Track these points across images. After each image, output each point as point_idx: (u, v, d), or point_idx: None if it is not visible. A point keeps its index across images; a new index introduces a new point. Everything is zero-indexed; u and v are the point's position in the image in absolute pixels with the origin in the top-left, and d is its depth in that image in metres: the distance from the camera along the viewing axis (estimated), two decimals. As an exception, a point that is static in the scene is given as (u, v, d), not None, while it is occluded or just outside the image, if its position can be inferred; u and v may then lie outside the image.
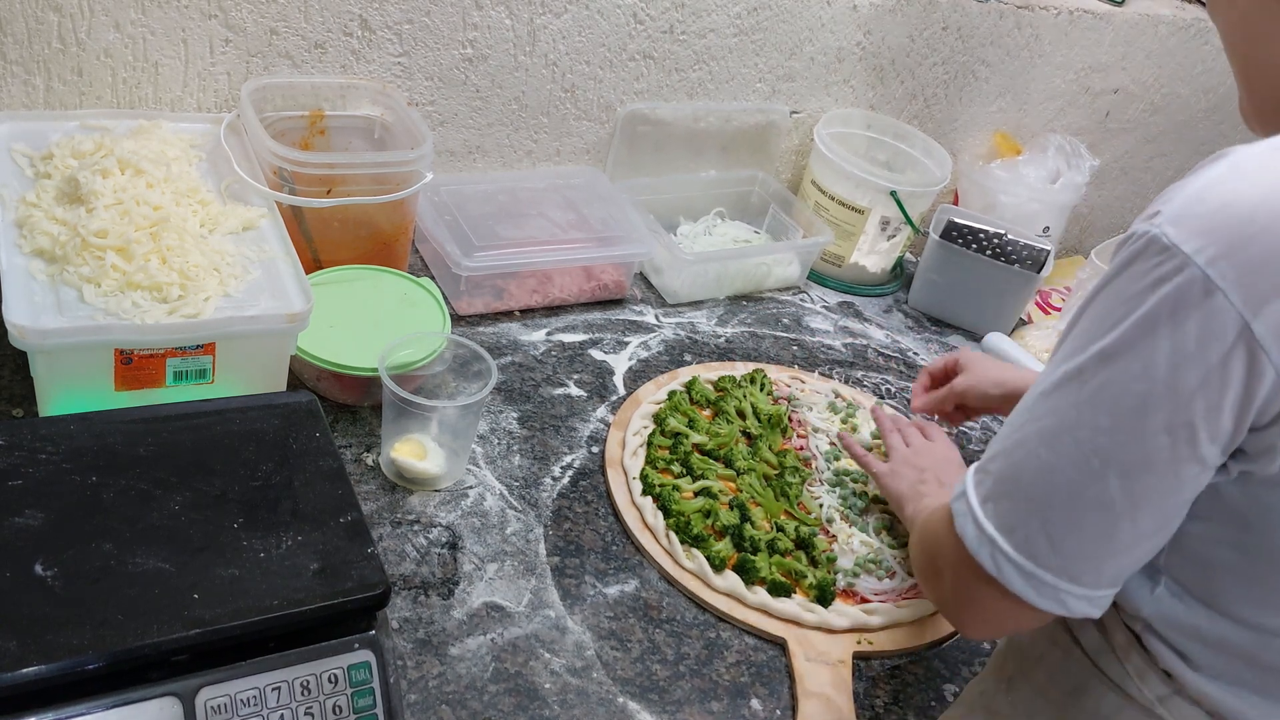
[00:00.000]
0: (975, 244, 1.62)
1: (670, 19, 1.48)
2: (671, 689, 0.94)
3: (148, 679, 0.66)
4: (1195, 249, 0.55)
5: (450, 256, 1.27)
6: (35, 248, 0.96)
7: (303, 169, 1.15)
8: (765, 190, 1.66)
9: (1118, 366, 0.58)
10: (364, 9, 1.27)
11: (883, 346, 1.54)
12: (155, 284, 0.96)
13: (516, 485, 1.10)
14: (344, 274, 1.19)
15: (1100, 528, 0.62)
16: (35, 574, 0.67)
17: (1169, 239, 0.56)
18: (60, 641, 0.64)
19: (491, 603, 0.97)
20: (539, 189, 1.47)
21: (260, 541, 0.74)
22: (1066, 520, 0.62)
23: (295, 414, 0.86)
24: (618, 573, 1.04)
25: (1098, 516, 0.61)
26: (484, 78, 1.40)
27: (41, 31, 1.12)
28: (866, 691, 0.99)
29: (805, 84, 1.67)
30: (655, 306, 1.46)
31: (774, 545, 1.08)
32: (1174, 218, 0.57)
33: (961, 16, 1.72)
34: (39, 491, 0.73)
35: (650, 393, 1.26)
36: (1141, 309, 0.57)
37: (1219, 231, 0.55)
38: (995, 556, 0.65)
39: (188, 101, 1.25)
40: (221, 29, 1.21)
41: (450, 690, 0.88)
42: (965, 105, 1.86)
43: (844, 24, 1.63)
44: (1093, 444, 0.60)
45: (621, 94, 1.52)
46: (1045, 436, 0.62)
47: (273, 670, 0.70)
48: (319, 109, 1.29)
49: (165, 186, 1.05)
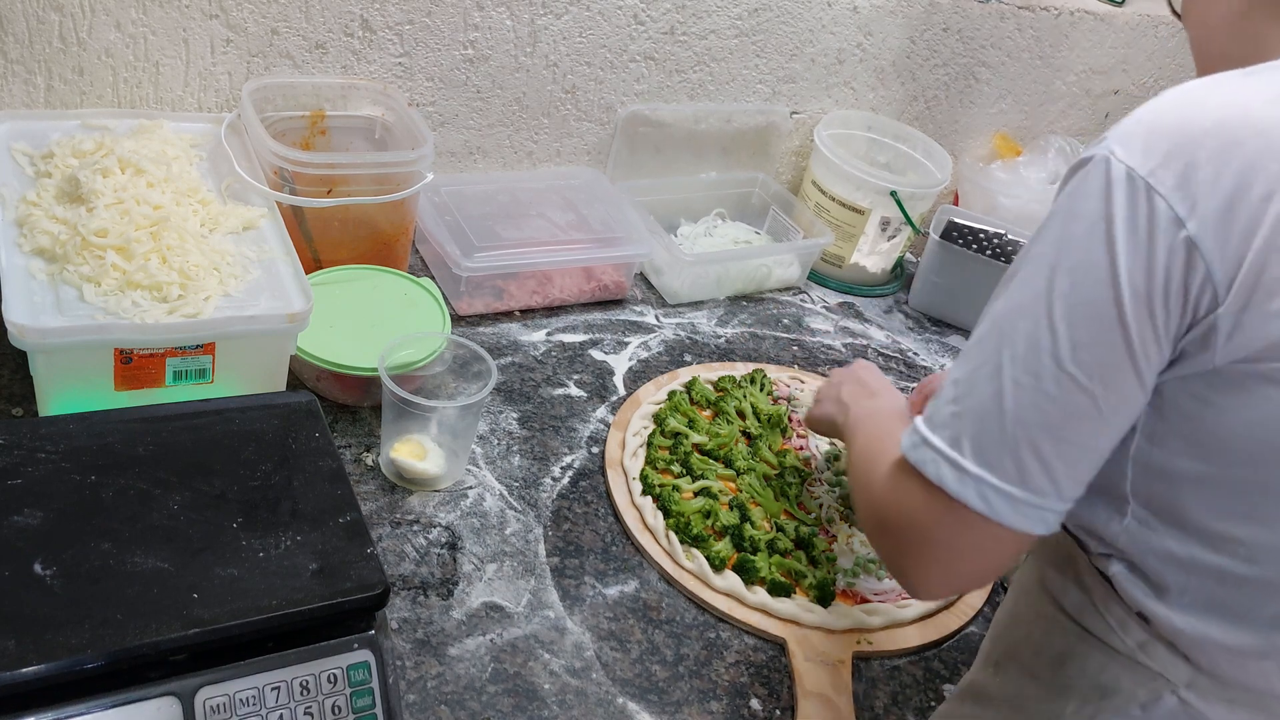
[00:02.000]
0: (975, 245, 1.62)
1: (671, 20, 1.48)
2: (671, 689, 0.94)
3: (147, 679, 0.66)
4: (1138, 162, 0.61)
5: (450, 257, 1.27)
6: (35, 247, 0.96)
7: (303, 169, 1.15)
8: (766, 191, 1.66)
9: (1078, 277, 0.62)
10: (365, 9, 1.27)
11: (883, 347, 1.54)
12: (155, 283, 0.96)
13: (516, 485, 1.10)
14: (344, 274, 1.19)
15: (1085, 438, 0.64)
16: (34, 573, 0.67)
17: (1117, 156, 0.62)
18: (59, 641, 0.64)
19: (491, 603, 0.97)
20: (539, 189, 1.47)
21: (260, 541, 0.74)
22: (1054, 439, 0.64)
23: (295, 414, 0.86)
24: (617, 573, 1.04)
25: (1081, 427, 0.64)
26: (485, 78, 1.40)
27: (42, 31, 1.12)
28: (866, 691, 0.99)
29: (806, 85, 1.67)
30: (655, 307, 1.46)
31: (774, 545, 1.08)
32: (1120, 138, 0.63)
33: (962, 18, 1.72)
34: (38, 491, 0.73)
35: (650, 393, 1.26)
36: (1095, 220, 0.62)
37: (1155, 144, 0.61)
38: (984, 492, 0.65)
39: (188, 101, 1.25)
40: (222, 29, 1.21)
41: (449, 690, 0.88)
42: (966, 107, 1.86)
43: (845, 26, 1.63)
44: (1070, 357, 0.63)
45: (622, 95, 1.52)
46: (1017, 361, 0.64)
47: (272, 670, 0.70)
48: (320, 109, 1.29)
49: (165, 186, 1.05)
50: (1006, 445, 0.64)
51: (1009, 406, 0.64)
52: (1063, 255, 0.63)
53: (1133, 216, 0.61)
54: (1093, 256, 0.62)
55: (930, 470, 0.67)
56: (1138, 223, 0.60)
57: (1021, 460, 0.64)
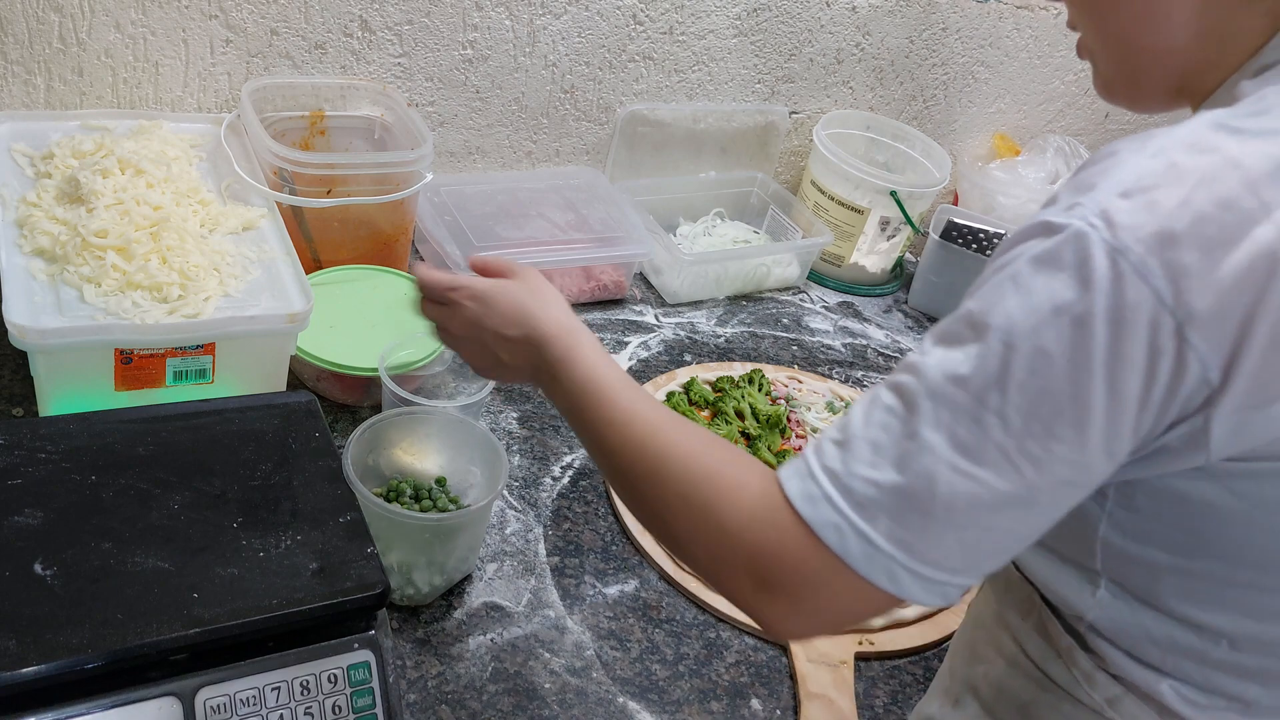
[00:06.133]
0: (975, 244, 1.63)
1: (670, 20, 1.48)
2: (671, 689, 0.94)
3: (147, 679, 0.66)
4: (1125, 246, 0.52)
5: (450, 257, 1.27)
6: (35, 247, 0.97)
7: (303, 169, 1.15)
8: (765, 191, 1.66)
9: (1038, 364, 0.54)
10: (364, 10, 1.27)
11: (882, 346, 1.54)
12: (155, 284, 0.96)
13: (516, 485, 1.10)
14: (344, 274, 1.20)
15: (1017, 526, 0.58)
16: (35, 573, 0.68)
17: (1103, 238, 0.52)
18: (60, 641, 0.64)
19: (491, 603, 0.97)
20: (539, 189, 1.47)
21: (260, 541, 0.74)
22: (984, 527, 0.57)
23: (295, 414, 0.86)
24: (617, 573, 1.04)
25: (1015, 515, 0.57)
26: (484, 78, 1.40)
27: (42, 31, 1.12)
28: (866, 691, 0.99)
29: (805, 85, 1.67)
30: (655, 306, 1.46)
31: (773, 545, 1.08)
32: (1101, 212, 0.53)
33: (961, 18, 1.72)
34: (39, 491, 0.73)
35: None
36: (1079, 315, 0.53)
37: (1148, 235, 0.52)
38: (894, 572, 0.57)
39: (188, 102, 1.25)
40: (222, 29, 1.21)
41: (449, 690, 0.88)
42: (964, 106, 1.86)
43: (843, 25, 1.63)
44: (1032, 462, 0.55)
45: (621, 95, 1.52)
46: (964, 453, 0.56)
47: (272, 670, 0.70)
48: (319, 109, 1.29)
49: (165, 186, 1.05)
50: (931, 530, 0.57)
51: (941, 492, 0.56)
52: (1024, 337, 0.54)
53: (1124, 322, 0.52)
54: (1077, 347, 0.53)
55: (832, 538, 0.58)
56: (1127, 329, 0.52)
57: (944, 545, 0.57)
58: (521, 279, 0.82)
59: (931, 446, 0.56)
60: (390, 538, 0.88)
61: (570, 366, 0.75)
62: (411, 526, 0.89)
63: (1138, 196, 0.52)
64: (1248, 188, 0.52)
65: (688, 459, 0.67)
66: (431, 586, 0.94)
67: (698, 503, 0.65)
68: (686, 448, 0.68)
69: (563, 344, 0.76)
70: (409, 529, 0.89)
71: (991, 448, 0.55)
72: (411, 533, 0.89)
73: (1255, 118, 0.55)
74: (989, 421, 0.55)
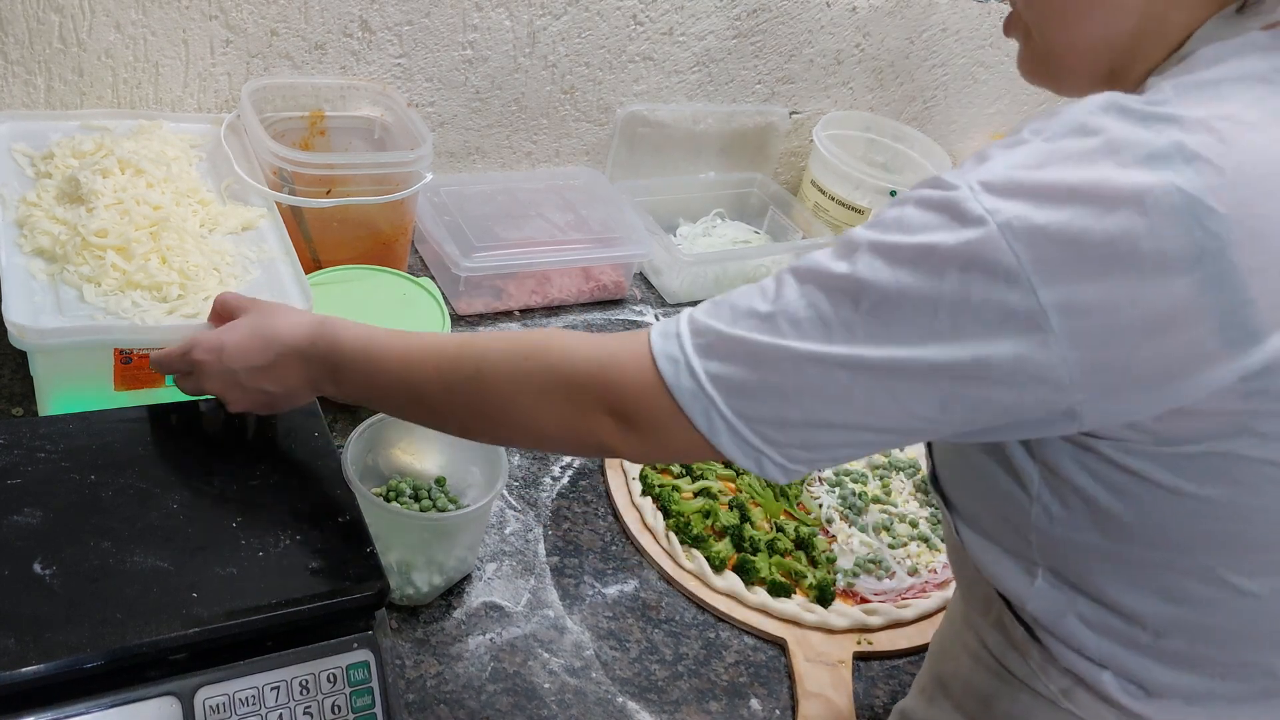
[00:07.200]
0: (974, 245, 1.62)
1: (670, 21, 1.48)
2: (670, 689, 0.94)
3: (146, 678, 0.66)
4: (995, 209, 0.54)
5: (450, 257, 1.27)
6: (35, 247, 0.97)
7: (303, 169, 1.15)
8: (764, 191, 1.66)
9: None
10: (364, 10, 1.27)
11: (882, 347, 1.54)
12: (155, 283, 0.96)
13: (516, 485, 1.10)
14: (344, 274, 1.20)
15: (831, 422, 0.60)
16: (34, 573, 0.68)
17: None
18: (59, 640, 0.64)
19: (490, 602, 0.97)
20: (538, 190, 1.47)
21: (259, 541, 0.74)
22: (802, 410, 0.59)
23: (295, 414, 0.86)
24: (616, 573, 1.04)
25: (835, 402, 0.59)
26: (483, 79, 1.40)
27: (42, 32, 1.12)
28: (866, 691, 0.99)
29: (804, 86, 1.67)
30: (655, 307, 1.46)
31: (774, 545, 1.08)
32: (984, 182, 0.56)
33: (960, 18, 1.72)
34: (38, 490, 0.73)
35: (649, 393, 1.26)
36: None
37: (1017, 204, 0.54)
38: (710, 415, 0.60)
39: (188, 102, 1.25)
40: (222, 30, 1.21)
41: (449, 690, 0.88)
42: (964, 107, 1.87)
43: (843, 26, 1.63)
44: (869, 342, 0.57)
45: (621, 95, 1.52)
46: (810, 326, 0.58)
47: (271, 670, 0.70)
48: (319, 110, 1.29)
49: (165, 186, 1.05)
50: (752, 387, 0.59)
51: (769, 354, 0.59)
52: None
53: None
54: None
55: (667, 369, 0.61)
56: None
57: (764, 407, 0.59)
58: (250, 311, 0.81)
59: (782, 311, 0.59)
60: (389, 537, 0.88)
61: (340, 346, 0.74)
62: (411, 526, 0.89)
63: (1021, 172, 0.55)
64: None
65: (511, 344, 0.69)
66: (431, 586, 0.94)
67: (539, 371, 0.66)
68: (504, 340, 0.70)
69: (319, 336, 0.75)
70: (408, 528, 0.89)
71: (838, 325, 0.58)
72: (411, 532, 0.90)
73: (1151, 107, 0.56)
74: (840, 302, 0.58)
